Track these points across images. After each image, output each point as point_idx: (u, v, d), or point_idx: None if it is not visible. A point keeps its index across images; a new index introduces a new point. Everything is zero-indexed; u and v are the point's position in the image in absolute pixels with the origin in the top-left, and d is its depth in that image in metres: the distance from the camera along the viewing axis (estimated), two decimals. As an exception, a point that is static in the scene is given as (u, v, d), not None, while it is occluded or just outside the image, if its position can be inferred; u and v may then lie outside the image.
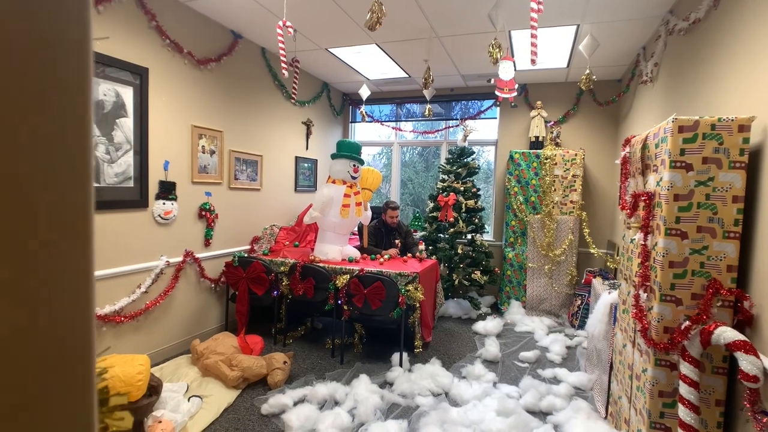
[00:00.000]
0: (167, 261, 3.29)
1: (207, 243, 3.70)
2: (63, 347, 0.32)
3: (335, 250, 3.88)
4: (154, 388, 2.43)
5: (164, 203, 3.25)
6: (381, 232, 4.49)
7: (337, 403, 2.73)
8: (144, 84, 3.06)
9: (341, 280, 3.40)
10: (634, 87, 4.25)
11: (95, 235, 0.35)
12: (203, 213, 3.63)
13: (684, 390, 1.71)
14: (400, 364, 3.26)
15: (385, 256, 3.97)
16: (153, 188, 3.19)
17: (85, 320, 0.33)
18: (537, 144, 5.08)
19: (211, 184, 3.72)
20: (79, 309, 0.33)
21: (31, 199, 0.30)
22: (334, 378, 3.05)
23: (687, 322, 1.75)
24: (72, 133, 0.32)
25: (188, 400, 2.63)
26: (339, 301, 3.40)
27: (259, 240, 4.32)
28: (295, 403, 2.71)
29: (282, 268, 3.72)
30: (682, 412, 1.70)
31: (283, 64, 3.08)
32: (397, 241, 4.35)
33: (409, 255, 4.22)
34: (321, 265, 3.61)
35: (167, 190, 3.27)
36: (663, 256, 1.81)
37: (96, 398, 0.34)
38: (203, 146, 3.62)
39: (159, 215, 3.23)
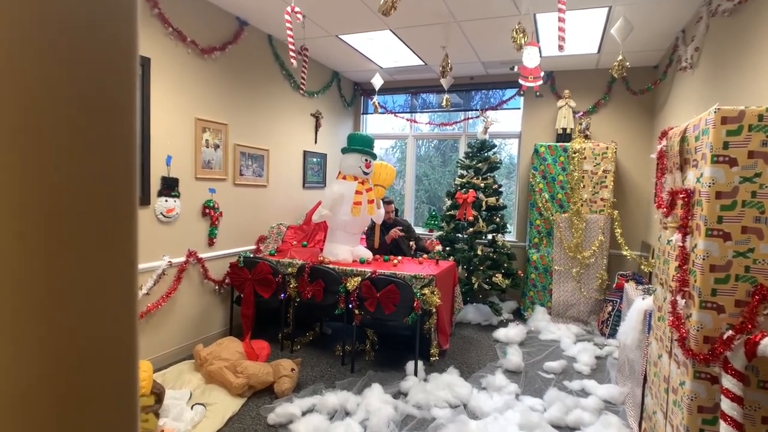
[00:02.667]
0: (170, 261, 3.34)
1: (211, 242, 3.76)
2: (112, 340, 0.37)
3: (346, 250, 3.89)
4: (156, 396, 2.48)
5: (166, 200, 3.30)
6: (380, 229, 4.50)
7: (347, 414, 2.75)
8: (145, 75, 3.11)
9: (352, 283, 3.42)
10: (672, 74, 4.17)
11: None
12: (207, 211, 3.68)
13: (726, 405, 1.67)
14: (415, 373, 3.27)
15: (399, 257, 3.98)
16: (155, 185, 3.25)
17: (130, 314, 0.37)
18: (564, 136, 5.03)
19: (215, 180, 3.77)
20: (126, 302, 0.37)
21: (83, 196, 0.35)
22: (344, 387, 3.07)
23: (730, 332, 1.72)
24: (120, 129, 0.37)
25: (191, 408, 2.67)
26: (350, 305, 3.42)
27: (265, 239, 4.37)
28: (304, 413, 2.73)
29: (289, 270, 3.75)
30: (725, 430, 1.67)
31: (291, 53, 3.10)
32: (411, 243, 4.35)
33: (424, 256, 4.21)
34: (331, 266, 3.63)
35: (169, 187, 3.32)
36: (703, 259, 1.77)
37: (138, 394, 0.38)
38: (207, 140, 3.66)
39: (161, 213, 3.28)
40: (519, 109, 5.51)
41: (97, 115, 0.35)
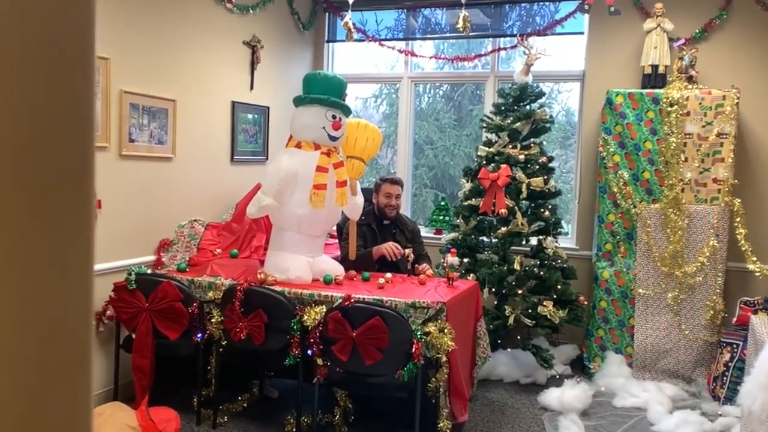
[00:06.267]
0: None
1: (81, 251, 3.76)
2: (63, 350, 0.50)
3: (301, 263, 3.94)
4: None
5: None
6: (372, 231, 4.56)
7: None
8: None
9: (312, 315, 3.45)
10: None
11: None
12: (74, 199, 3.69)
13: None
14: (414, 459, 3.33)
15: (387, 275, 4.02)
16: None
17: (85, 320, 0.52)
18: (655, 79, 5.09)
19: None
20: (79, 309, 0.52)
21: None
22: (300, 481, 3.12)
23: None
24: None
25: None
26: (309, 352, 3.46)
27: (170, 245, 4.41)
28: None
29: (211, 294, 3.78)
30: None
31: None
32: (408, 251, 4.37)
33: (428, 272, 4.26)
34: (277, 288, 3.66)
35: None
36: None
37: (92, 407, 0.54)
38: (74, 84, 3.67)
39: None
40: (582, 34, 5.57)
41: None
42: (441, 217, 5.72)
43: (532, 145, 5.00)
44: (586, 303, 4.95)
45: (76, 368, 0.51)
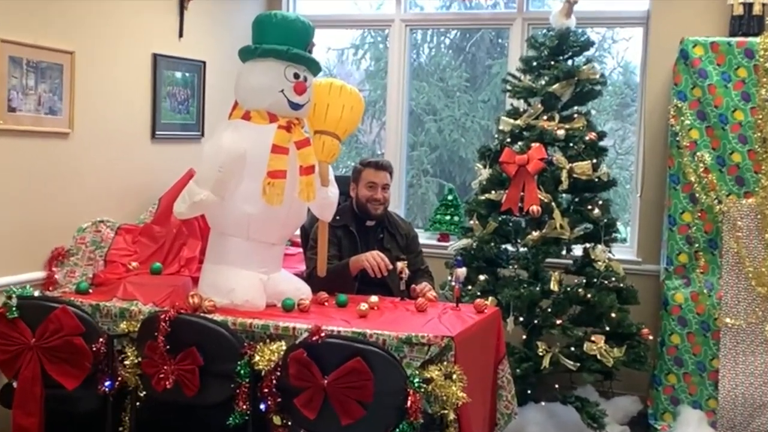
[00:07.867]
0: None
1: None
2: None
3: (251, 282, 3.95)
4: None
5: None
6: (350, 236, 4.59)
7: None
8: None
9: (266, 356, 3.44)
10: None
11: None
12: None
13: None
14: None
15: (372, 299, 4.03)
16: None
17: None
18: (749, 23, 5.10)
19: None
20: None
21: None
22: None
23: None
24: None
25: None
26: (261, 406, 3.45)
27: (67, 257, 4.38)
28: None
29: (123, 326, 3.75)
30: None
31: None
32: (400, 264, 4.36)
33: (430, 294, 4.23)
34: (218, 318, 3.65)
35: None
36: None
37: None
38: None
39: None
40: (645, -38, 5.61)
41: None
42: (448, 217, 5.75)
43: (575, 115, 5.02)
44: (651, 338, 4.97)
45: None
